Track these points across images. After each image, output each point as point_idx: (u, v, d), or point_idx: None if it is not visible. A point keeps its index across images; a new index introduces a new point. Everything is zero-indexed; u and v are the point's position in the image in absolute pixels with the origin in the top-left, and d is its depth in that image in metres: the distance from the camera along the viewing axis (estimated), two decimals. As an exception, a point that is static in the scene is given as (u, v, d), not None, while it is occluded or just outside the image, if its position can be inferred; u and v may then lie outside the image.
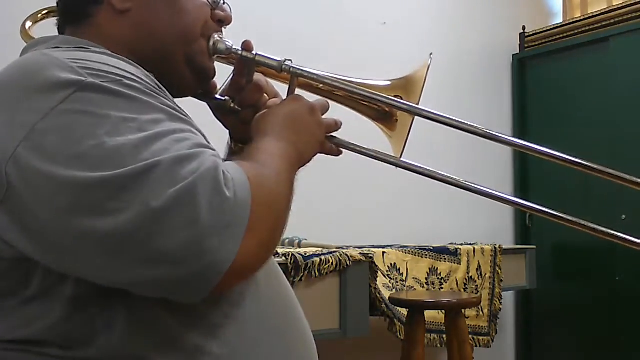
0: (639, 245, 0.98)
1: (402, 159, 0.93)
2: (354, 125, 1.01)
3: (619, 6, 3.22)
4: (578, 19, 3.42)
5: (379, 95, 0.91)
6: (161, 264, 0.60)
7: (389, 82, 0.96)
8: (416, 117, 0.91)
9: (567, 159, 0.97)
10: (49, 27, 0.93)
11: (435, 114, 0.90)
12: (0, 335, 0.68)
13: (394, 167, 0.95)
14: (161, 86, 0.76)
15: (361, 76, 0.95)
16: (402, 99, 0.91)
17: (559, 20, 3.70)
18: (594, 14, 3.33)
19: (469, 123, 0.92)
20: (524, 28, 3.61)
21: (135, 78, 0.70)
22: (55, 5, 0.91)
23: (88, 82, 0.65)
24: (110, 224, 0.60)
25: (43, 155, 0.62)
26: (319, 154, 0.92)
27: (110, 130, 0.63)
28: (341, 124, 0.94)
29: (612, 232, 0.98)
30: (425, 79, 0.92)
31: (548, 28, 3.54)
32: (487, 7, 3.55)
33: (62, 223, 0.61)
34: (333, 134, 0.93)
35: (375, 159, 0.94)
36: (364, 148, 0.94)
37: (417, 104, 0.91)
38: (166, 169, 0.61)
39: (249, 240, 0.64)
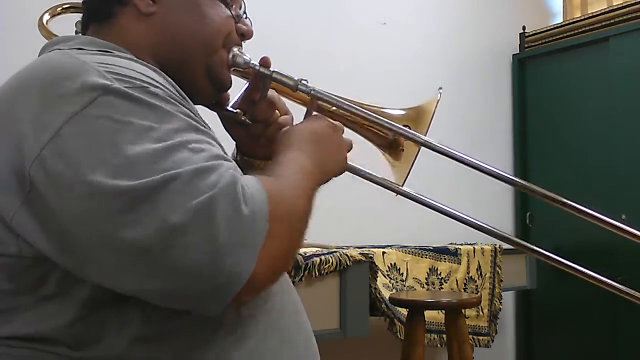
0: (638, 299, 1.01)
1: (403, 187, 0.95)
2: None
3: (619, 6, 3.22)
4: (578, 19, 3.42)
5: (388, 123, 0.92)
6: (177, 279, 0.61)
7: (403, 112, 0.97)
8: (420, 149, 0.93)
9: (569, 204, 1.01)
10: (67, 21, 0.93)
11: (442, 147, 0.91)
12: (13, 332, 0.68)
13: (395, 194, 0.96)
14: (183, 94, 0.76)
15: (361, 76, 0.96)
16: (410, 129, 0.92)
17: (559, 20, 3.71)
18: (594, 14, 3.33)
19: (475, 159, 0.93)
20: (524, 28, 3.61)
21: (158, 85, 0.70)
22: (74, 0, 0.90)
23: (114, 87, 0.66)
24: (128, 235, 0.60)
25: (67, 160, 0.62)
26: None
27: (131, 138, 0.63)
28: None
29: (616, 284, 1.00)
30: (433, 113, 0.93)
31: (548, 28, 3.54)
32: (487, 7, 3.55)
33: (82, 229, 0.62)
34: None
35: (379, 185, 0.95)
36: (370, 174, 0.95)
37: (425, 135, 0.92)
38: (185, 181, 0.61)
39: (265, 257, 0.64)
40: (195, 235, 0.60)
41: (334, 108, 0.95)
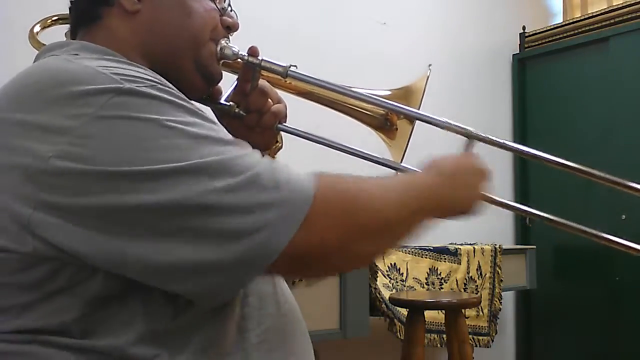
0: (636, 251, 1.00)
1: (402, 164, 0.95)
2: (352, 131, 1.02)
3: (619, 6, 3.22)
4: (578, 19, 3.41)
5: (382, 101, 0.92)
6: (214, 249, 0.63)
7: (389, 92, 0.97)
8: (414, 125, 0.93)
9: (564, 163, 1.00)
10: (57, 34, 0.93)
11: (434, 118, 0.91)
12: (18, 326, 0.68)
13: (395, 172, 0.96)
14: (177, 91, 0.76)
15: (361, 76, 0.96)
16: None
17: (559, 20, 3.70)
18: (594, 14, 3.32)
19: (466, 127, 0.93)
20: (524, 28, 3.61)
21: (164, 83, 0.71)
22: (63, 12, 0.91)
23: (125, 87, 0.66)
24: (167, 207, 0.62)
25: (86, 160, 0.63)
26: (318, 156, 0.92)
27: (153, 134, 0.64)
28: None
29: (612, 237, 1.00)
30: (424, 90, 0.93)
31: (548, 28, 3.54)
32: (487, 7, 3.55)
33: (120, 216, 0.63)
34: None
35: (377, 163, 0.96)
36: (364, 153, 0.96)
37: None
38: (218, 168, 0.64)
39: (304, 234, 0.64)
40: (230, 211, 0.63)
41: (324, 92, 0.95)
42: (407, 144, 0.93)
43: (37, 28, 1.01)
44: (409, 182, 0.77)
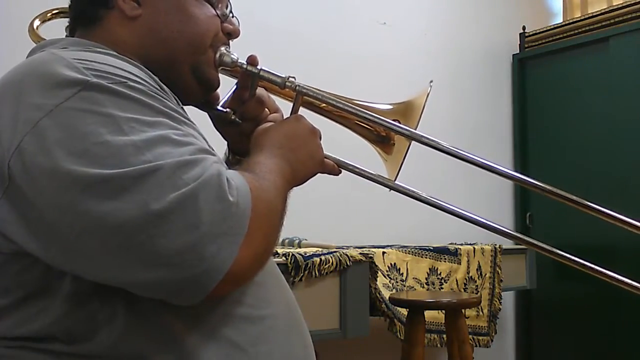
0: (638, 289, 1.02)
1: (396, 182, 0.95)
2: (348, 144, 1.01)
3: (619, 6, 3.22)
4: (578, 19, 3.41)
5: (379, 119, 0.92)
6: (159, 267, 0.61)
7: (390, 106, 0.97)
8: (411, 142, 0.93)
9: (565, 196, 1.00)
10: (57, 27, 0.93)
11: (432, 140, 0.91)
12: (3, 333, 0.68)
13: (388, 189, 0.96)
14: (165, 88, 0.76)
15: (361, 76, 0.95)
16: (400, 123, 0.93)
17: (559, 20, 3.70)
18: (594, 14, 3.32)
19: (465, 152, 0.93)
20: (524, 28, 3.61)
21: (139, 80, 0.70)
22: (63, 5, 0.91)
23: (93, 82, 0.66)
24: (110, 222, 0.60)
25: (46, 151, 0.62)
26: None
27: (113, 130, 0.63)
28: None
29: (615, 274, 1.00)
30: (424, 107, 0.93)
31: (548, 28, 3.53)
32: (487, 7, 3.55)
33: (64, 218, 0.62)
34: (329, 153, 0.94)
35: (371, 180, 0.96)
36: (362, 169, 0.95)
37: (415, 129, 0.92)
38: (168, 173, 0.62)
39: (246, 249, 0.65)
40: (177, 223, 0.60)
41: (323, 104, 0.95)
42: (403, 161, 0.93)
43: (36, 22, 1.01)
44: (275, 172, 0.78)
